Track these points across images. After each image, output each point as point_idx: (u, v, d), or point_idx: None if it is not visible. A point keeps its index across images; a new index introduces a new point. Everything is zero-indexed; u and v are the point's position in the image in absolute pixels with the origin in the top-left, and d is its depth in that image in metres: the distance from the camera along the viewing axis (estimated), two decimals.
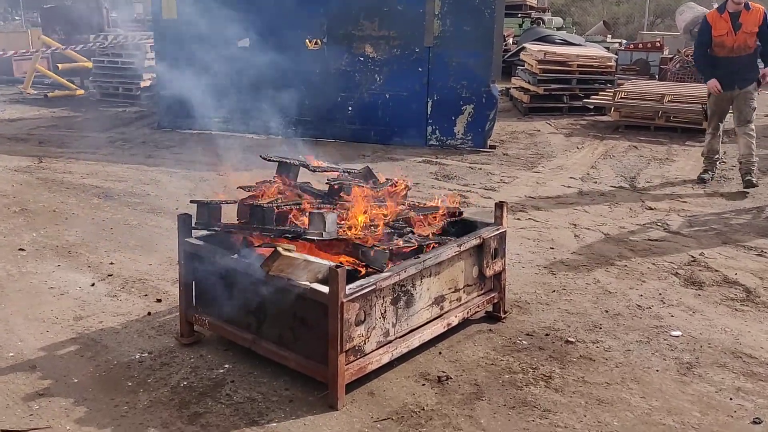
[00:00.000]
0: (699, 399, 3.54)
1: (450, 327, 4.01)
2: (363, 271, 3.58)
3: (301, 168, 4.32)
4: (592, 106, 11.62)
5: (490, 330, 4.25)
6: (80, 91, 14.15)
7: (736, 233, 6.09)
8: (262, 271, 3.39)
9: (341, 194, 4.01)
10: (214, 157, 8.25)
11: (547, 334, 4.20)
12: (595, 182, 7.80)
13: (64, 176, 7.81)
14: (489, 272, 4.19)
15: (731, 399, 3.54)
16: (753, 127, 7.52)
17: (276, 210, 3.72)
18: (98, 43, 13.60)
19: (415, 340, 3.77)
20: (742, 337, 4.19)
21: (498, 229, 4.25)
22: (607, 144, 9.76)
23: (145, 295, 4.72)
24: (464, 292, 4.11)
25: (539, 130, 10.72)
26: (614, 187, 7.63)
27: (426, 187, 7.44)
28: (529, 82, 12.12)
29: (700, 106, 9.95)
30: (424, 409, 3.42)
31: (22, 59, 15.51)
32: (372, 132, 9.74)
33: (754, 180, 7.45)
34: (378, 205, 4.12)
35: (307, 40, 9.82)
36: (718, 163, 7.98)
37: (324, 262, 3.41)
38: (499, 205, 4.33)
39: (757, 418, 3.37)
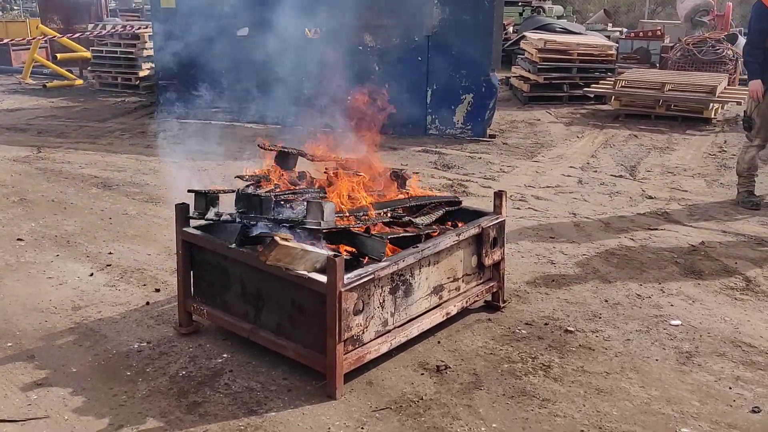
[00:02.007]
0: (698, 388, 3.53)
1: (449, 316, 4.00)
2: (365, 260, 3.57)
3: (299, 157, 4.31)
4: (592, 95, 11.58)
5: (489, 319, 4.24)
6: (79, 81, 14.10)
7: (736, 222, 6.08)
8: (260, 260, 3.38)
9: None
10: (213, 147, 8.24)
11: (546, 324, 4.19)
12: (595, 171, 7.78)
13: (62, 166, 7.79)
14: (488, 261, 4.18)
15: (730, 388, 3.54)
16: None
17: (273, 199, 3.70)
18: (96, 32, 13.53)
19: (414, 330, 3.76)
20: (741, 326, 4.18)
21: (497, 219, 4.24)
22: (607, 133, 9.73)
23: (144, 285, 4.71)
24: (463, 281, 4.10)
25: (539, 119, 10.69)
26: (614, 176, 7.60)
27: (426, 177, 7.41)
28: (529, 71, 12.07)
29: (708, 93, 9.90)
30: (422, 399, 3.42)
31: (20, 49, 15.45)
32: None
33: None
34: (376, 193, 4.11)
35: (306, 29, 9.77)
36: (755, 179, 6.67)
37: (322, 252, 3.40)
38: (498, 195, 4.31)
39: (756, 407, 3.37)
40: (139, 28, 13.25)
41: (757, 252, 5.36)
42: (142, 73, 12.87)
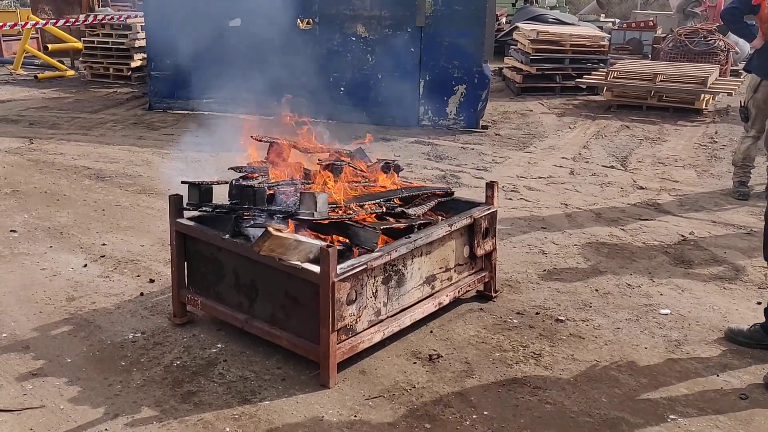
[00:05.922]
0: (686, 376, 3.58)
1: (441, 306, 4.04)
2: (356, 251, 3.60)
3: (292, 148, 4.33)
4: (584, 86, 11.59)
5: (481, 309, 4.28)
6: (71, 72, 14.02)
7: (726, 212, 6.13)
8: (254, 251, 3.41)
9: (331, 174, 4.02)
10: (205, 138, 8.23)
11: (537, 313, 4.23)
12: (587, 162, 7.82)
13: (55, 157, 7.78)
14: (480, 252, 4.21)
15: (718, 375, 3.59)
16: None
17: (267, 190, 3.73)
18: (88, 22, 13.46)
19: (407, 319, 3.80)
20: (729, 314, 4.24)
21: (489, 209, 4.27)
22: (599, 124, 9.76)
23: (138, 276, 4.73)
24: (455, 271, 4.14)
25: (531, 110, 10.71)
26: (606, 166, 7.64)
27: (419, 168, 7.44)
28: (521, 62, 12.08)
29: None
30: (415, 387, 3.46)
31: (11, 39, 15.34)
32: (364, 112, 9.71)
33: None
34: (369, 185, 4.14)
35: (298, 20, 9.76)
36: (751, 171, 6.66)
37: (315, 242, 3.42)
38: (490, 185, 4.34)
39: (743, 393, 3.42)
40: (129, 18, 13.19)
41: (746, 241, 5.41)
42: (134, 64, 12.81)
